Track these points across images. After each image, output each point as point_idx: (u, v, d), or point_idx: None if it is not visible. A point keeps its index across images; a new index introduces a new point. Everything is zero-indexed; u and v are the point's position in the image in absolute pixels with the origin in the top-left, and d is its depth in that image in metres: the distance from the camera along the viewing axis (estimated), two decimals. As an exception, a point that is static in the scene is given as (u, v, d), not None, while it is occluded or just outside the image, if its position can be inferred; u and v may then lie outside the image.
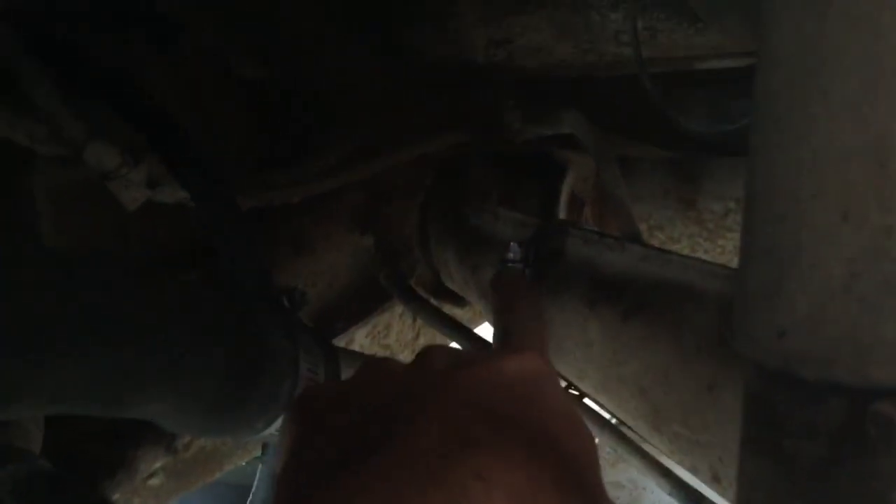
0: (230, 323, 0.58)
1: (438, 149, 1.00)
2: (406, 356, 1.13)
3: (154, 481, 0.81)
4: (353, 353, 0.77)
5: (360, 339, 1.03)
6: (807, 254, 0.37)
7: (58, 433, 0.64)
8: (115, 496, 0.74)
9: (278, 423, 0.61)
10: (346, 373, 0.67)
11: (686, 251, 1.19)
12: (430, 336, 1.16)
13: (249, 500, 0.80)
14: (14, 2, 0.71)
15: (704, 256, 1.17)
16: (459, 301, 1.09)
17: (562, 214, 1.06)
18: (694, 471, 0.65)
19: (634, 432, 0.75)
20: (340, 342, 0.98)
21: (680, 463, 0.68)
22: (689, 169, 1.16)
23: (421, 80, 1.04)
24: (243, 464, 1.22)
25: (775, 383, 0.40)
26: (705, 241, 1.17)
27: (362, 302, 1.03)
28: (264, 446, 0.76)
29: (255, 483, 0.78)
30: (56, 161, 0.73)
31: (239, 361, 0.56)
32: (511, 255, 0.77)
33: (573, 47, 0.94)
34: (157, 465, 0.76)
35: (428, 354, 0.42)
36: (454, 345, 0.98)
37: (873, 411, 0.38)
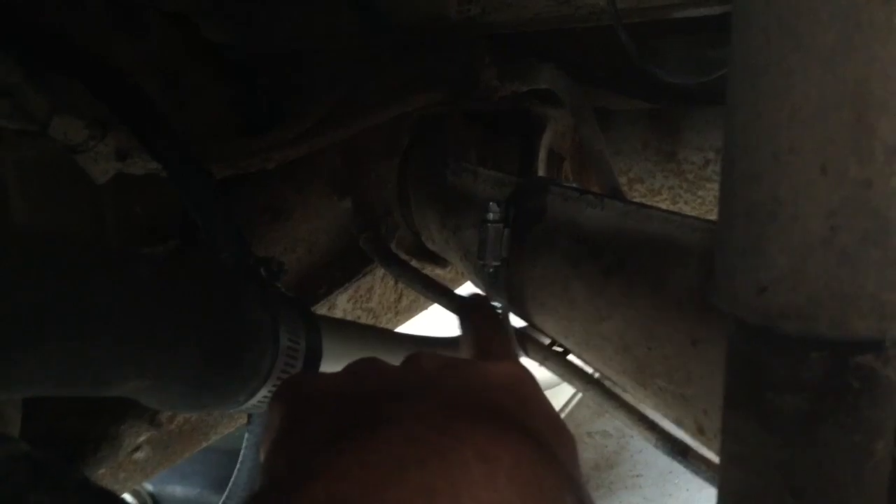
0: (207, 297, 0.57)
1: (414, 109, 0.99)
2: (389, 319, 1.13)
3: (139, 455, 0.81)
4: (335, 320, 0.77)
5: (343, 304, 1.02)
6: (786, 209, 0.36)
7: (40, 411, 0.63)
8: (101, 471, 0.74)
9: (260, 395, 0.60)
10: (327, 342, 0.66)
11: (666, 203, 1.18)
12: (413, 298, 1.16)
13: (238, 465, 0.80)
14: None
15: (685, 208, 1.17)
16: (441, 262, 1.09)
17: (541, 171, 1.05)
18: (679, 424, 0.66)
19: (619, 387, 0.75)
20: (323, 307, 0.97)
21: (665, 416, 0.69)
22: (667, 120, 1.15)
23: (394, 40, 1.02)
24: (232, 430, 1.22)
25: (757, 339, 0.40)
26: (685, 192, 1.16)
27: (343, 266, 1.02)
28: (250, 416, 0.76)
29: (242, 451, 0.78)
30: (23, 136, 0.72)
31: (218, 337, 0.56)
32: (491, 216, 0.77)
33: (547, 0, 0.92)
34: (142, 438, 0.76)
35: (416, 357, 0.42)
36: (436, 305, 0.98)
37: (855, 363, 0.38)
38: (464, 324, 0.54)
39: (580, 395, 2.72)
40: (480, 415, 0.35)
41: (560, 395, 2.52)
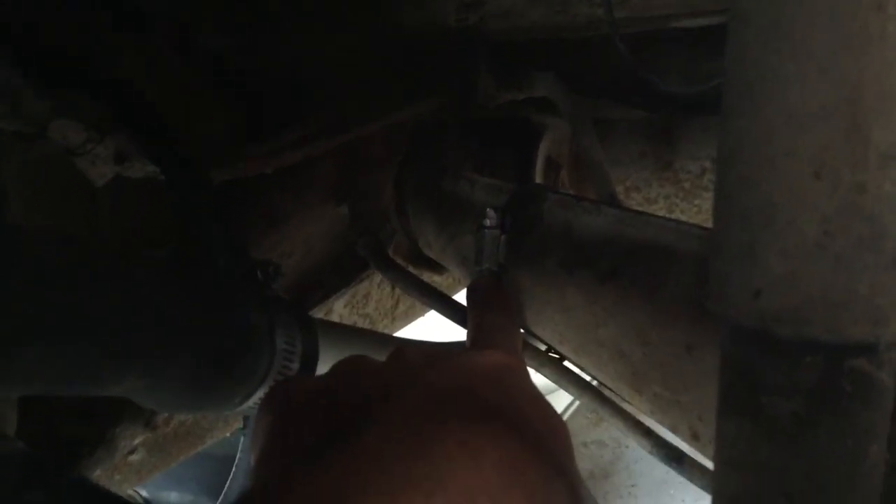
0: (204, 300, 0.57)
1: (412, 116, 0.99)
2: (386, 325, 1.13)
3: (134, 457, 0.81)
4: (332, 324, 0.77)
5: (339, 309, 1.02)
6: (780, 214, 0.37)
7: (35, 413, 0.63)
8: (96, 473, 0.74)
9: (256, 397, 0.60)
10: (324, 345, 0.67)
11: (663, 212, 1.19)
12: (410, 304, 1.16)
13: (233, 471, 0.80)
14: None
15: (681, 216, 1.18)
16: (438, 268, 1.09)
17: (538, 179, 1.06)
18: (674, 430, 0.66)
19: (615, 394, 0.75)
20: (318, 313, 0.97)
21: (660, 422, 0.69)
22: (665, 130, 1.16)
23: (394, 48, 1.03)
24: (227, 435, 1.23)
25: (752, 343, 0.40)
26: (682, 201, 1.17)
27: (340, 272, 1.02)
28: (245, 419, 0.76)
29: (238, 454, 0.78)
30: (22, 138, 0.72)
31: (214, 338, 0.56)
32: (488, 222, 0.77)
33: (545, 9, 0.93)
34: (137, 441, 0.76)
35: (402, 352, 0.43)
36: (433, 312, 0.98)
37: (849, 367, 0.38)
38: (469, 305, 0.54)
39: (576, 405, 2.72)
40: (463, 408, 0.35)
41: (556, 404, 2.52)
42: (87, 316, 0.48)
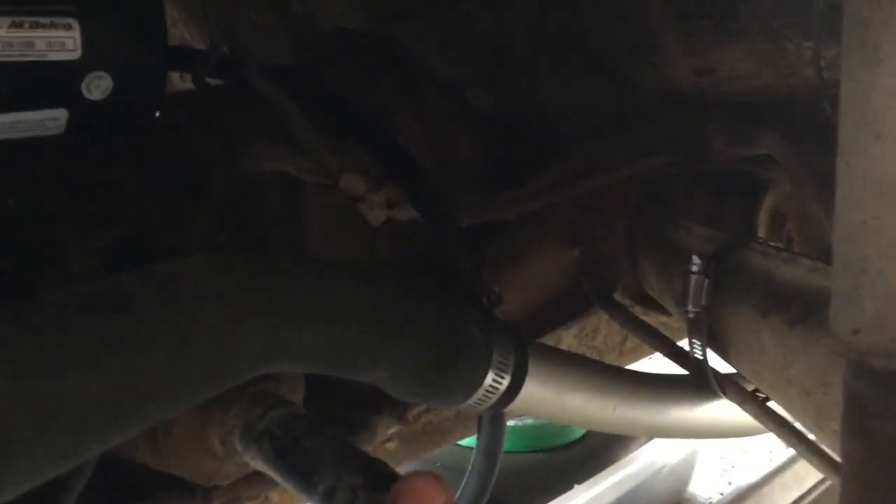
0: (442, 316, 0.74)
1: (647, 169, 1.09)
2: (612, 359, 1.23)
3: (390, 445, 0.99)
4: (552, 348, 0.90)
5: (568, 340, 1.14)
6: (872, 265, 0.45)
7: (314, 398, 0.83)
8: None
9: (475, 397, 0.75)
10: (540, 365, 0.80)
11: None
12: (638, 342, 1.25)
13: (468, 472, 0.95)
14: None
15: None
16: (665, 310, 1.17)
17: (762, 232, 1.11)
18: (851, 467, 0.71)
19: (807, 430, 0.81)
20: (548, 340, 1.10)
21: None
22: None
23: (631, 107, 1.14)
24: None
25: (858, 373, 0.48)
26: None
27: (569, 306, 1.14)
28: (480, 422, 0.90)
29: (473, 455, 0.93)
30: (320, 188, 0.93)
31: (443, 345, 0.72)
32: (694, 267, 0.86)
33: (775, 73, 0.99)
34: (392, 430, 0.94)
35: None
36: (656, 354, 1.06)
37: (935, 399, 0.45)
38: None
39: (824, 486, 2.56)
40: None
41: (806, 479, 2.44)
42: (356, 314, 0.66)
